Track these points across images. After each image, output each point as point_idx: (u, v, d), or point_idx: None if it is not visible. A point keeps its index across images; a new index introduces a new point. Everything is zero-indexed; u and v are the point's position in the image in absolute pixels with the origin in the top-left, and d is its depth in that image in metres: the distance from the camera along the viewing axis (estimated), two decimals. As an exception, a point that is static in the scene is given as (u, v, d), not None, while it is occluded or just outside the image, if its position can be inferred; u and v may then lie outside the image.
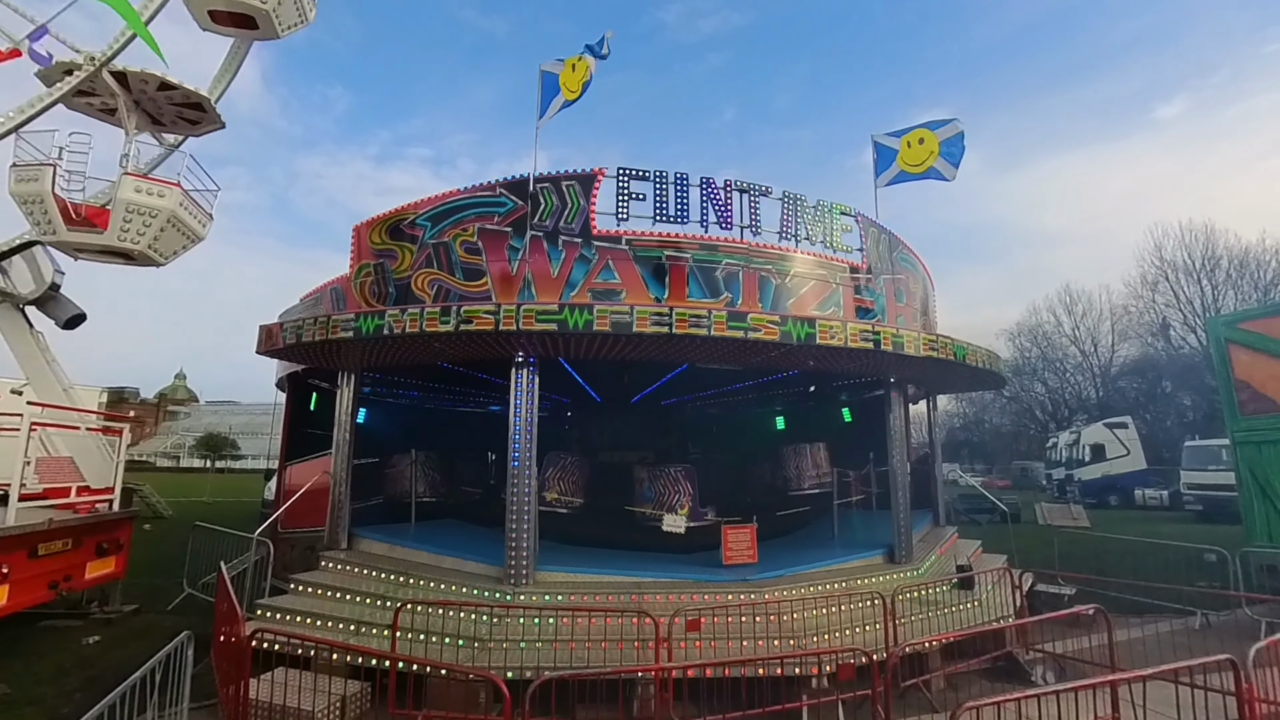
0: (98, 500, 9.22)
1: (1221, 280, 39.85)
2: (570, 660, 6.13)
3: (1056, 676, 6.90)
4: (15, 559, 7.36)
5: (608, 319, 6.79)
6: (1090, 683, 4.57)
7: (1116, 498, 28.70)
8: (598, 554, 8.70)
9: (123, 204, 9.43)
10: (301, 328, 7.91)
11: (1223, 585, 9.71)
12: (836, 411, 14.45)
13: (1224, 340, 11.59)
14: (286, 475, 11.25)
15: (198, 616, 8.44)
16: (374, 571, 8.01)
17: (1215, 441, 22.80)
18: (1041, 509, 21.64)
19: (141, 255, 9.90)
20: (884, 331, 7.62)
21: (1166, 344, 42.38)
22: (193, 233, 10.32)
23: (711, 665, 5.86)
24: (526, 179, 8.32)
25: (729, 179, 8.50)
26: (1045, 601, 9.52)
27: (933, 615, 7.42)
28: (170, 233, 9.91)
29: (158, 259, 10.15)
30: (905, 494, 9.05)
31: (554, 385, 11.90)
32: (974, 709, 3.85)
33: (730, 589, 7.24)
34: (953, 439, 60.35)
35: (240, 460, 66.95)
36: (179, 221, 9.91)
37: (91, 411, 10.86)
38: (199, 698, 5.67)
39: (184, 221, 10.00)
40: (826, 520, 10.40)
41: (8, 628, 7.71)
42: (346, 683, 5.97)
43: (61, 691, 6.35)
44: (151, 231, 9.65)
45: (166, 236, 9.89)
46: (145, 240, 9.66)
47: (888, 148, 11.47)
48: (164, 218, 9.66)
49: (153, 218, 9.61)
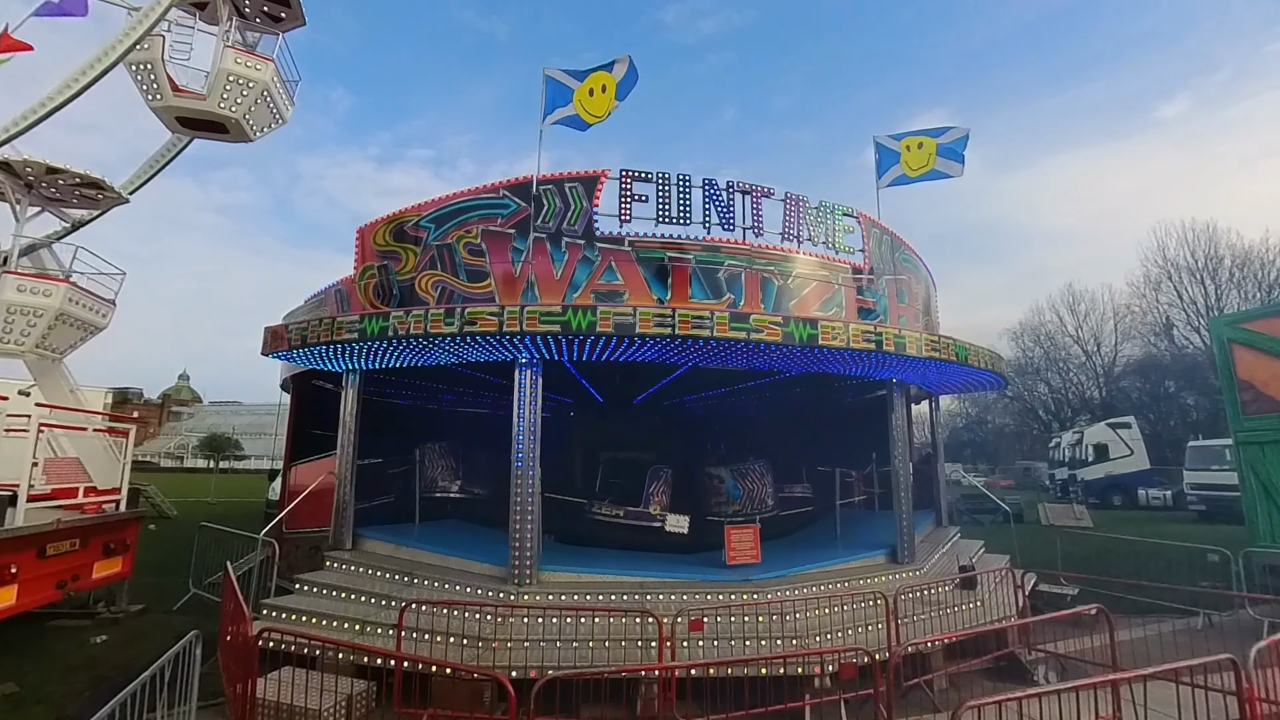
0: (104, 501, 9.28)
1: (1225, 280, 39.77)
2: (574, 660, 6.17)
3: (1058, 676, 6.92)
4: (24, 559, 7.41)
5: (611, 320, 6.83)
6: (1092, 682, 4.59)
7: (1120, 498, 28.65)
8: (601, 554, 8.74)
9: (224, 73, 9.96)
10: (307, 329, 7.97)
11: (1225, 585, 9.72)
12: (839, 411, 14.45)
13: (1227, 340, 11.57)
14: (291, 476, 11.31)
15: (204, 616, 8.49)
16: (379, 571, 8.05)
17: (1218, 442, 22.75)
18: (1044, 509, 21.60)
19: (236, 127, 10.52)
20: (886, 332, 7.64)
21: (1170, 344, 42.30)
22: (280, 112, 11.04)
23: (715, 665, 5.89)
24: (530, 181, 8.36)
25: (731, 180, 8.54)
26: (1048, 601, 9.54)
27: (935, 615, 7.44)
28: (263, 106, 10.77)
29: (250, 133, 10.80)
30: (908, 494, 9.07)
31: (557, 386, 11.93)
32: (976, 708, 3.88)
33: (733, 589, 7.27)
34: (955, 439, 60.35)
35: (243, 461, 67.05)
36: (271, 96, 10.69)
37: (98, 413, 10.92)
38: (206, 696, 5.72)
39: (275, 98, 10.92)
40: (829, 520, 10.42)
41: (17, 627, 7.75)
42: (352, 682, 6.01)
43: (70, 690, 6.40)
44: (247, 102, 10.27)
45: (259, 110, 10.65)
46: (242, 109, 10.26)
47: (890, 149, 11.50)
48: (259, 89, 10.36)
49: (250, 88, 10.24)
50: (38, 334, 9.11)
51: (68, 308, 9.32)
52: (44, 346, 9.37)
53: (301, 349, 8.25)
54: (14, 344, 9.03)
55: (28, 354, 9.26)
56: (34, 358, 9.51)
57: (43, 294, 9.08)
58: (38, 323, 9.03)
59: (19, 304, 8.86)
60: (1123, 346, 46.74)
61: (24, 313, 8.91)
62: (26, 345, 9.09)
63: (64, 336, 9.62)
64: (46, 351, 9.50)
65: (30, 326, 9.01)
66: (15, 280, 9.00)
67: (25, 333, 9.00)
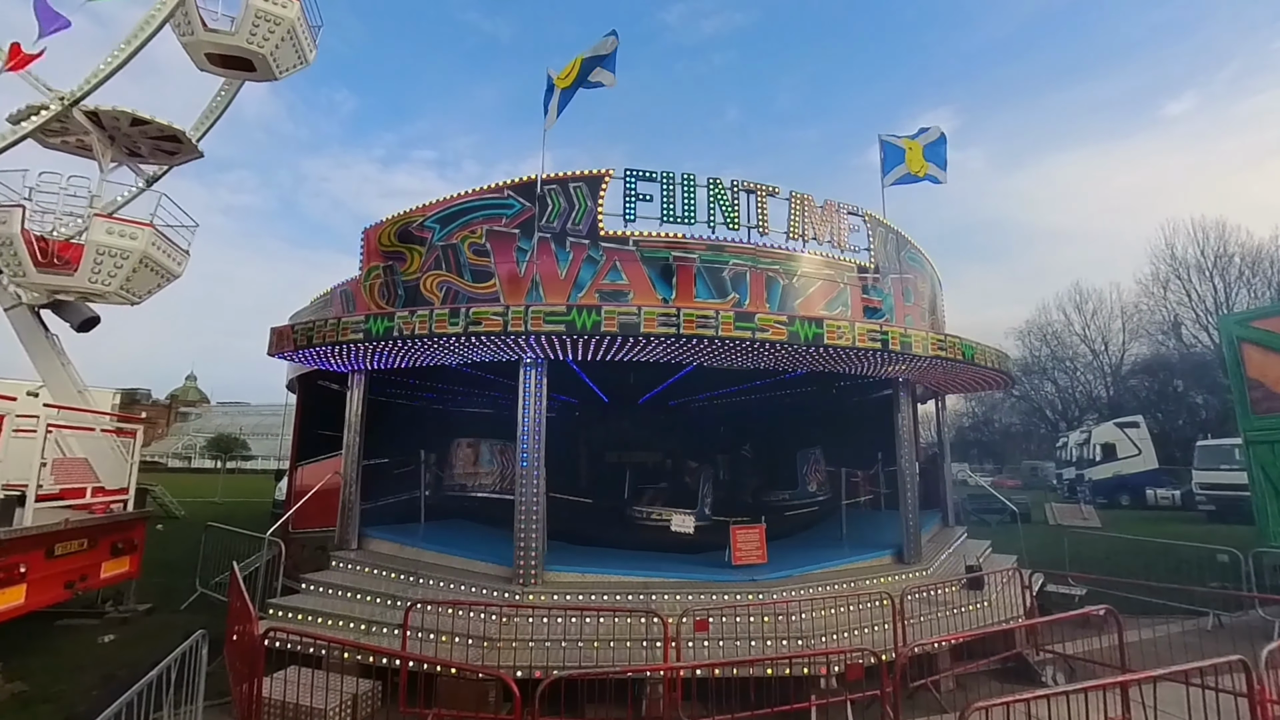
0: (112, 501, 9.33)
1: (1234, 278, 39.47)
2: (579, 660, 6.17)
3: (1067, 677, 6.87)
4: (33, 559, 7.45)
5: (615, 320, 6.83)
6: (1101, 683, 4.55)
7: (1128, 498, 28.47)
8: (606, 554, 8.73)
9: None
10: (313, 330, 7.99)
11: (1235, 586, 9.64)
12: (844, 410, 14.40)
13: (1236, 338, 11.48)
14: (297, 476, 11.34)
15: (211, 615, 8.52)
16: (384, 571, 8.06)
17: (1228, 441, 22.57)
18: (1052, 509, 21.33)
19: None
20: (892, 331, 7.61)
21: (1178, 342, 42.00)
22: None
23: (720, 665, 5.88)
24: (534, 181, 8.35)
25: (735, 179, 8.52)
26: (1055, 602, 9.48)
27: (942, 615, 7.40)
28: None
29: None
30: (914, 494, 9.03)
31: (562, 386, 11.93)
32: (983, 709, 3.85)
33: (739, 589, 7.25)
34: (962, 438, 60.12)
35: (250, 461, 67.40)
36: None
37: (106, 413, 10.98)
38: (213, 696, 5.74)
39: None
40: (835, 520, 10.39)
41: (25, 626, 7.80)
42: (358, 681, 6.03)
43: (78, 689, 6.44)
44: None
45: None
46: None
47: (895, 147, 11.46)
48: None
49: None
50: (123, 275, 9.48)
51: (151, 251, 9.68)
52: (127, 288, 9.72)
53: (307, 349, 8.27)
54: (101, 284, 9.38)
55: (113, 295, 9.61)
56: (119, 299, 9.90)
57: (129, 236, 9.50)
58: (124, 264, 9.42)
59: (108, 245, 9.27)
60: (1130, 345, 46.52)
61: (112, 254, 9.31)
62: (113, 286, 9.45)
63: (145, 280, 9.98)
64: (127, 295, 9.83)
65: (117, 268, 9.40)
66: (104, 223, 9.44)
67: (112, 273, 9.38)
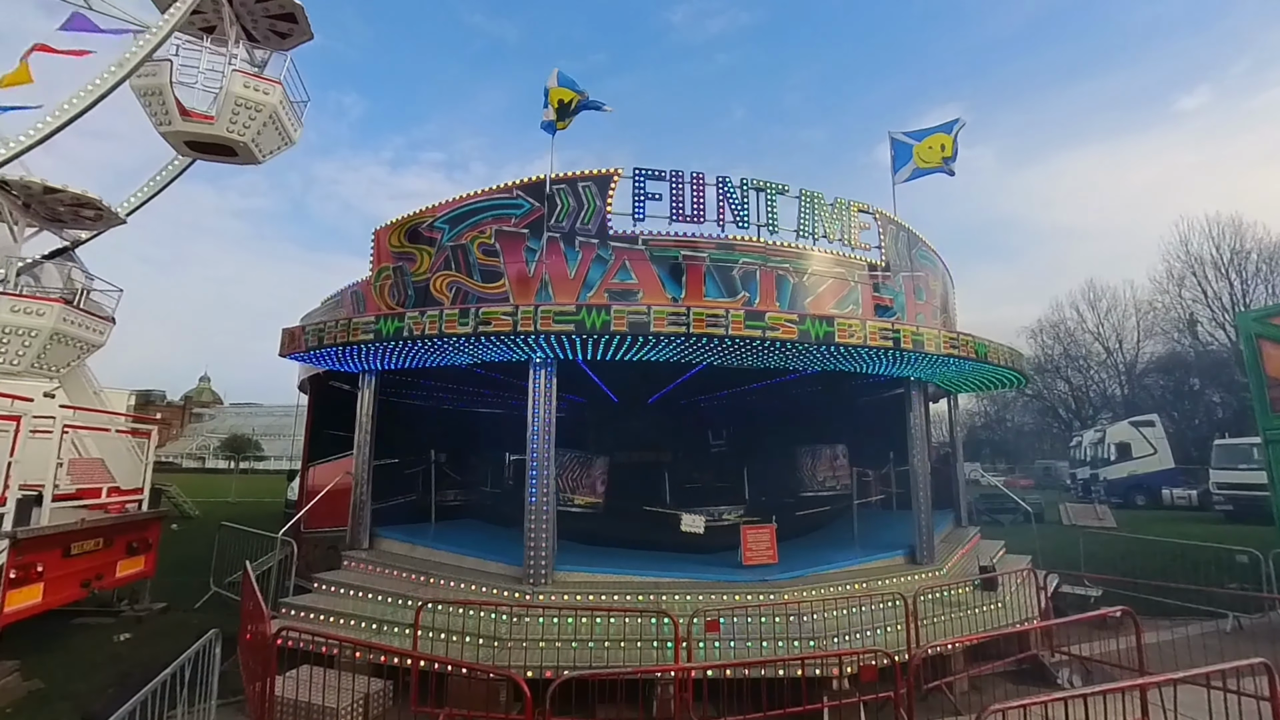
0: (127, 500, 9.44)
1: (1251, 274, 38.81)
2: (590, 660, 6.15)
3: (1083, 680, 6.79)
4: (49, 558, 7.54)
5: (625, 319, 6.81)
6: (1119, 686, 4.48)
7: (1143, 497, 28.10)
8: (616, 554, 8.72)
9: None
10: (323, 331, 8.03)
11: (1255, 587, 9.48)
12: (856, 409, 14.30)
13: (1255, 336, 11.27)
14: (309, 476, 11.41)
15: (224, 614, 8.59)
16: (395, 571, 8.10)
17: (1246, 440, 22.23)
18: (1066, 509, 21.12)
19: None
20: (903, 330, 7.55)
21: (1194, 340, 41.40)
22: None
23: (731, 666, 5.85)
24: (543, 181, 8.35)
25: (745, 177, 8.48)
26: (1071, 603, 9.36)
27: (955, 617, 7.32)
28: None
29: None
30: (926, 494, 8.95)
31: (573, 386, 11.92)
32: (1000, 712, 3.80)
33: (750, 589, 7.21)
34: (974, 438, 59.56)
35: (264, 461, 68.03)
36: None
37: (121, 414, 11.10)
38: (226, 694, 5.78)
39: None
40: (847, 520, 10.32)
41: (42, 625, 7.89)
42: (369, 680, 6.06)
43: (94, 687, 6.50)
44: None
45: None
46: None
47: (904, 144, 11.38)
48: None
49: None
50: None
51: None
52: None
53: (318, 350, 8.32)
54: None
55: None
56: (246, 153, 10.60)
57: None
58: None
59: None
60: (1145, 343, 45.88)
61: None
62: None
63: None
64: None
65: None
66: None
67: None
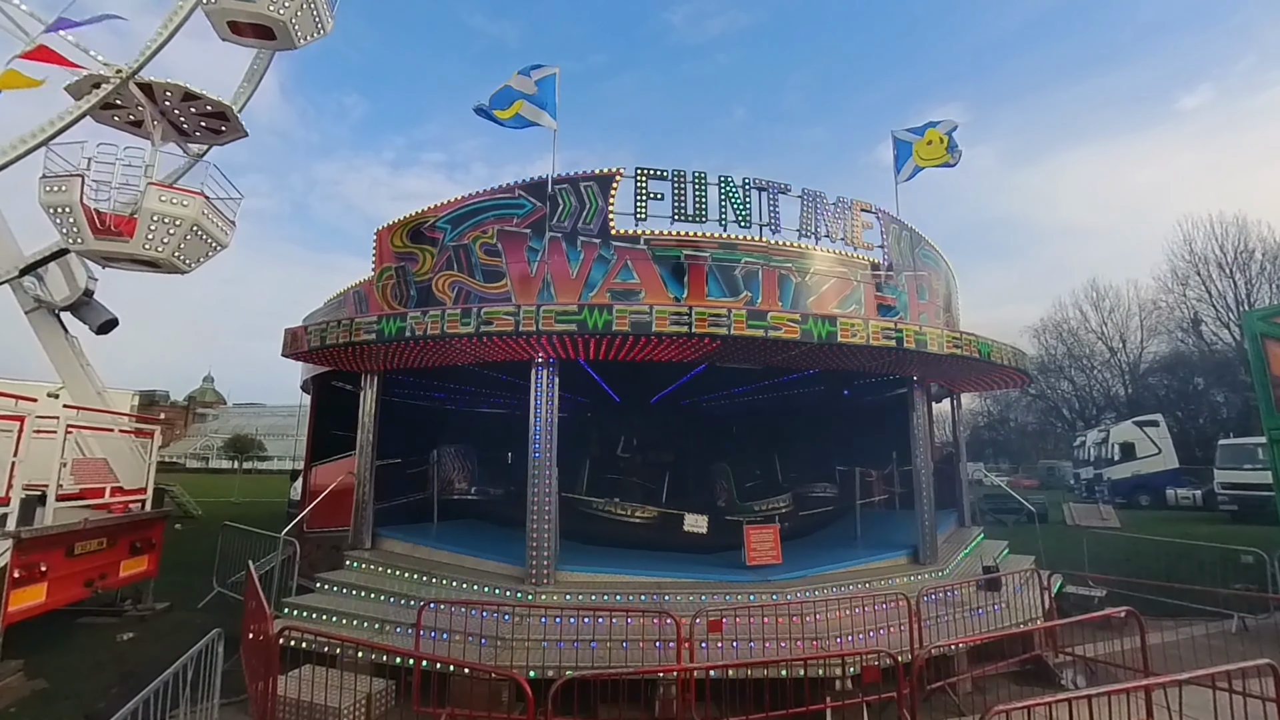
0: (131, 500, 9.45)
1: (1256, 273, 38.60)
2: (592, 660, 6.14)
3: (1087, 680, 6.76)
4: (53, 557, 7.55)
5: (627, 319, 6.80)
6: (1123, 687, 4.46)
7: (1147, 498, 27.97)
8: (618, 554, 8.71)
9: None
10: (325, 331, 8.04)
11: (1260, 588, 9.44)
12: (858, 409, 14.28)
13: (1260, 335, 11.20)
14: (312, 476, 11.42)
15: (227, 614, 8.59)
16: (397, 571, 8.10)
17: (1251, 440, 22.13)
18: (1069, 509, 21.08)
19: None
20: (906, 329, 7.52)
21: (1198, 340, 41.24)
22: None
23: (734, 666, 5.84)
24: (545, 181, 8.35)
25: (747, 176, 8.47)
26: (1075, 604, 9.32)
27: (959, 617, 7.29)
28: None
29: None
30: (929, 494, 8.93)
31: (576, 386, 11.93)
32: (1004, 713, 3.78)
33: (753, 589, 7.20)
34: (977, 437, 59.48)
35: (267, 461, 68.13)
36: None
37: (124, 414, 11.12)
38: (229, 694, 5.78)
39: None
40: (849, 520, 10.30)
41: (46, 625, 7.91)
42: (371, 680, 6.05)
43: (97, 686, 6.51)
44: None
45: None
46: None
47: (906, 143, 11.35)
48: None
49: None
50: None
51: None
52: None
53: (320, 350, 8.33)
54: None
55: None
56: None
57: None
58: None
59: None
60: (1149, 343, 45.72)
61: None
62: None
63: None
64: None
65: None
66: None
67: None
